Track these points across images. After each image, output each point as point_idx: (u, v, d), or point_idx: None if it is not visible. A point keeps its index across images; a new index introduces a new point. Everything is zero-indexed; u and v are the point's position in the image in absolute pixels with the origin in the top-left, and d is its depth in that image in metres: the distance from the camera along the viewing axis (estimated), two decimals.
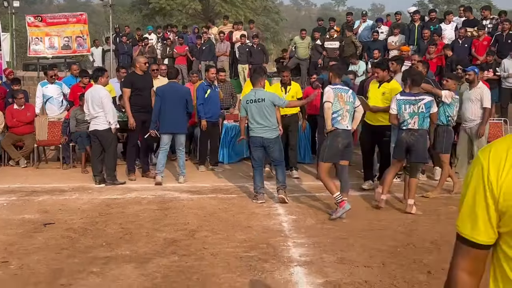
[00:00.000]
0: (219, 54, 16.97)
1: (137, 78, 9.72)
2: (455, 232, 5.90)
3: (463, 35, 14.05)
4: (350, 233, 6.64)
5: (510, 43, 13.50)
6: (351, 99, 7.59)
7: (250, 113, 8.17)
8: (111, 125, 9.29)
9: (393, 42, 15.24)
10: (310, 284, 5.10)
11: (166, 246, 6.21)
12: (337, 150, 7.49)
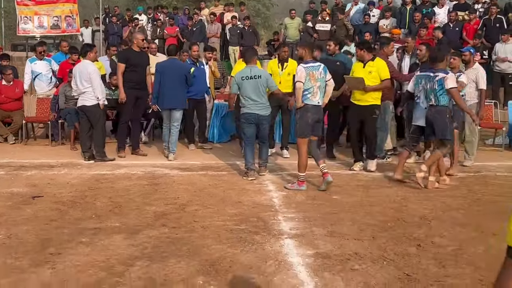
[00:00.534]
0: (210, 35, 16.88)
1: (133, 54, 9.64)
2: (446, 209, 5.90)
3: (454, 19, 14.05)
4: (340, 209, 6.63)
5: (498, 27, 13.53)
6: (322, 75, 7.69)
7: (245, 90, 8.16)
8: (99, 101, 9.19)
9: (385, 25, 15.22)
10: (301, 255, 5.09)
11: (156, 218, 6.18)
12: (307, 125, 7.61)
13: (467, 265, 4.89)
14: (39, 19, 16.95)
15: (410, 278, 4.59)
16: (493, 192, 7.51)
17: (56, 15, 17.01)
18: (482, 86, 8.90)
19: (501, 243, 5.41)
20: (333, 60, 9.57)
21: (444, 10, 14.89)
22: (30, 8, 16.95)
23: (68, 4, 17.11)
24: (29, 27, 17.01)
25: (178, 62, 10.11)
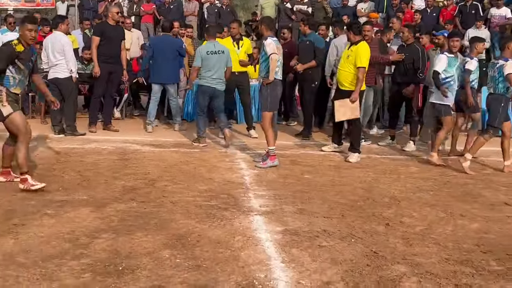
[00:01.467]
0: (187, 13, 16.63)
1: (108, 28, 9.48)
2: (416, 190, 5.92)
3: (432, 4, 14.08)
4: (311, 188, 6.62)
5: (473, 13, 13.61)
6: (281, 50, 7.81)
7: (208, 64, 8.52)
8: (72, 73, 9.02)
9: (362, 9, 15.16)
10: (270, 232, 5.06)
11: (125, 193, 6.09)
12: (277, 99, 7.80)
13: (435, 245, 4.90)
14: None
15: (377, 255, 4.59)
16: (463, 175, 7.55)
17: None
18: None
19: (469, 224, 5.47)
20: (304, 39, 9.77)
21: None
22: None
23: None
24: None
25: (171, 38, 10.18)
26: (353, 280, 4.10)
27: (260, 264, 4.33)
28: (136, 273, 4.07)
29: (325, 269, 4.28)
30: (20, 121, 5.93)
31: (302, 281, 4.07)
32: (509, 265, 4.49)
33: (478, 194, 6.63)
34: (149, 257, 4.37)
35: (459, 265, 4.46)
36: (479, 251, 4.78)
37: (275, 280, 4.07)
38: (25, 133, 5.95)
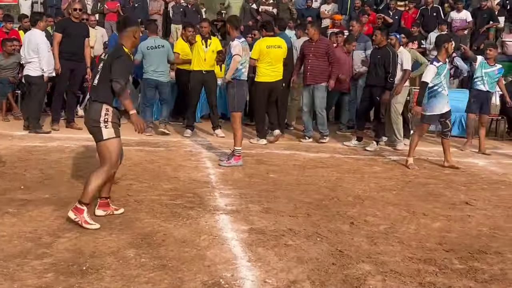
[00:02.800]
0: (152, 12, 16.45)
1: (71, 24, 9.28)
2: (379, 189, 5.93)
3: (394, 7, 14.23)
4: (276, 187, 6.59)
5: (434, 16, 13.82)
6: (249, 51, 7.95)
7: (150, 59, 9.42)
8: (44, 73, 8.85)
9: (326, 11, 15.24)
10: (235, 231, 5.01)
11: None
12: (244, 99, 7.82)
13: (398, 243, 4.93)
14: None
15: (342, 254, 4.59)
16: (424, 175, 7.64)
17: None
18: (406, 66, 9.11)
19: (431, 223, 5.52)
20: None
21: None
22: None
23: None
24: None
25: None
26: (319, 279, 4.08)
27: (227, 263, 4.28)
28: (101, 273, 3.97)
29: (291, 268, 4.25)
30: (117, 149, 5.04)
31: (269, 280, 4.03)
32: (471, 263, 4.54)
33: (440, 193, 6.71)
34: (114, 257, 4.27)
35: (423, 263, 4.49)
36: (442, 249, 4.83)
37: (241, 279, 4.02)
38: (114, 165, 5.06)
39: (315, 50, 9.46)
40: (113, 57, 4.91)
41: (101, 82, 4.92)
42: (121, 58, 4.89)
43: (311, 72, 9.45)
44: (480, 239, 5.15)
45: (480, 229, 5.42)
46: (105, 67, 4.92)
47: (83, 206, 4.89)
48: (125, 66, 4.91)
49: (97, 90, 4.96)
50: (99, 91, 4.94)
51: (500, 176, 7.83)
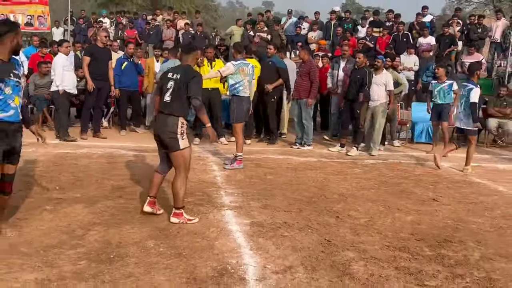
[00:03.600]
0: (165, 38, 16.49)
1: (97, 50, 9.33)
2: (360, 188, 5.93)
3: (370, 33, 14.29)
4: (273, 186, 6.60)
5: (405, 41, 13.88)
6: (251, 71, 7.92)
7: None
8: (59, 88, 8.92)
9: (313, 37, 15.29)
10: (239, 224, 5.03)
11: (114, 191, 5.98)
12: (243, 112, 7.73)
13: (377, 234, 4.95)
14: (14, 16, 16.13)
15: (330, 243, 4.61)
16: (398, 176, 7.66)
17: (30, 14, 16.28)
18: (390, 87, 9.06)
19: (405, 217, 5.53)
20: (268, 60, 9.71)
21: (365, 29, 15.11)
22: (6, 7, 16.15)
23: (40, 6, 16.39)
24: None
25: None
26: (311, 265, 4.11)
27: (232, 251, 4.30)
28: (126, 260, 3.99)
29: (287, 255, 4.27)
30: (189, 157, 5.00)
31: (268, 265, 4.05)
32: (439, 250, 4.57)
33: (411, 191, 6.73)
34: (136, 247, 4.29)
35: (398, 251, 4.52)
36: (414, 239, 4.85)
37: (245, 265, 4.04)
38: (188, 170, 5.05)
39: (301, 70, 9.54)
40: (188, 77, 4.87)
41: (176, 99, 4.84)
42: (196, 78, 4.94)
43: (297, 88, 9.54)
44: (446, 230, 5.18)
45: (445, 222, 5.45)
46: (180, 86, 4.85)
47: (180, 210, 4.95)
48: (200, 84, 4.97)
49: (171, 105, 4.85)
50: (174, 106, 4.84)
51: (462, 176, 7.85)
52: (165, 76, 5.03)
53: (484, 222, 5.51)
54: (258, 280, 3.79)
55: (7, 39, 4.03)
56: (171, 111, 4.85)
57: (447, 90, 9.67)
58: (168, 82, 4.93)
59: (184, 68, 5.03)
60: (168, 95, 4.88)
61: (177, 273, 3.82)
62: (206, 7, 39.17)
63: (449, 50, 13.79)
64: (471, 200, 6.43)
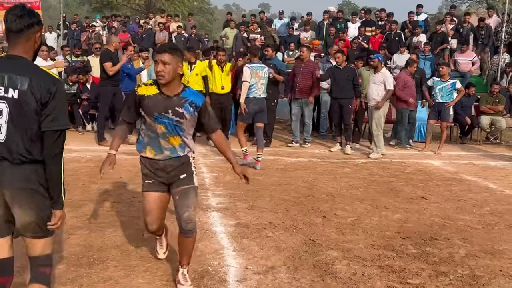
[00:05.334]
0: (159, 41, 16.46)
1: (113, 54, 9.22)
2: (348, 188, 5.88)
3: (363, 33, 14.27)
4: (261, 187, 6.57)
5: (397, 40, 13.86)
6: (266, 75, 7.94)
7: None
8: None
9: (305, 38, 15.25)
10: (224, 225, 5.00)
11: (99, 195, 5.94)
12: (249, 114, 7.76)
13: (363, 233, 4.92)
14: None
15: (314, 243, 4.58)
16: (388, 174, 7.64)
17: None
18: (389, 87, 8.91)
19: (392, 215, 5.50)
20: (269, 63, 9.60)
21: (355, 26, 15.11)
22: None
23: None
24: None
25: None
26: (293, 265, 4.07)
27: (215, 253, 4.27)
28: (106, 264, 3.96)
29: (270, 256, 4.24)
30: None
31: (250, 266, 4.02)
32: (424, 248, 4.54)
33: (400, 190, 6.70)
34: (118, 250, 4.26)
35: (383, 249, 4.49)
36: (399, 237, 4.82)
37: (227, 266, 4.01)
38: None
39: (304, 69, 9.52)
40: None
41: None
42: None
43: (300, 88, 9.53)
44: (432, 227, 5.15)
45: (433, 219, 5.42)
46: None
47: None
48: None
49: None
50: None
51: (453, 174, 7.83)
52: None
53: (471, 219, 5.48)
54: (239, 281, 3.75)
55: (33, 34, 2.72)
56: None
57: (450, 89, 9.65)
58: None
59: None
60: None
61: (157, 275, 3.79)
62: (202, 10, 39.23)
63: (441, 48, 13.76)
64: (460, 197, 6.40)
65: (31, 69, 2.62)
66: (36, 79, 2.59)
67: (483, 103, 11.09)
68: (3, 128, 2.58)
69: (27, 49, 2.66)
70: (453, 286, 3.79)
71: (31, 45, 2.68)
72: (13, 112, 2.57)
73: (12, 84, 2.57)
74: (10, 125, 2.58)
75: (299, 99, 9.65)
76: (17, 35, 2.63)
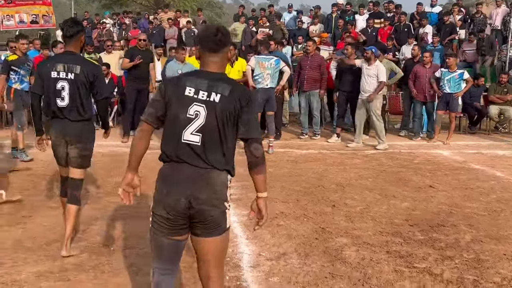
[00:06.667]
0: (168, 37, 16.66)
1: (136, 52, 9.37)
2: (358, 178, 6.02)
3: (372, 25, 14.34)
4: (272, 178, 6.71)
5: (406, 31, 13.91)
6: (273, 65, 8.42)
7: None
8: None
9: (314, 30, 15.33)
10: (237, 215, 5.18)
11: (117, 188, 6.10)
12: (259, 104, 8.12)
13: (371, 220, 5.08)
14: (19, 16, 16.49)
15: (324, 230, 4.75)
16: (397, 165, 7.77)
17: (35, 13, 16.60)
18: (382, 78, 8.96)
19: (400, 203, 5.64)
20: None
21: (363, 18, 15.17)
22: (11, 9, 16.48)
23: (44, 6, 16.71)
24: (11, 23, 16.53)
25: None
26: (304, 251, 4.25)
27: (229, 241, 4.43)
28: (126, 252, 4.16)
29: (282, 243, 4.42)
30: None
31: (263, 253, 4.20)
32: (431, 235, 4.69)
33: (409, 179, 6.83)
34: (137, 238, 4.45)
35: (391, 236, 4.64)
36: (407, 224, 4.97)
37: (240, 253, 4.19)
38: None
39: (311, 63, 9.68)
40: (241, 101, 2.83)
41: (216, 141, 2.68)
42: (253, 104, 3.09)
43: (307, 81, 9.70)
44: (439, 215, 5.29)
45: (440, 207, 5.56)
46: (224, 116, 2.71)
47: None
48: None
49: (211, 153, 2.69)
50: (216, 155, 2.72)
51: (461, 164, 7.94)
52: (180, 93, 2.59)
53: (478, 206, 5.62)
54: (252, 267, 3.94)
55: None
56: (214, 163, 2.68)
57: (458, 80, 9.74)
58: (191, 107, 2.59)
59: (229, 82, 2.65)
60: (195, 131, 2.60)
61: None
62: (210, 4, 39.26)
63: (449, 38, 13.80)
64: (468, 185, 6.53)
65: (80, 60, 4.16)
66: (85, 66, 4.08)
67: (491, 93, 11.15)
68: (66, 98, 4.05)
69: (76, 47, 4.17)
70: (458, 269, 3.94)
71: (78, 44, 4.18)
72: (71, 88, 4.04)
73: (69, 70, 4.03)
74: (70, 96, 4.04)
75: (307, 91, 9.80)
76: (70, 39, 4.11)
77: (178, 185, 2.60)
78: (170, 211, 2.59)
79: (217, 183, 2.67)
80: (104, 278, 3.68)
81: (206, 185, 2.60)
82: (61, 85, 4.02)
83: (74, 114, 4.07)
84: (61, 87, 4.02)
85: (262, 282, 3.70)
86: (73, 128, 4.10)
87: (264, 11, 16.60)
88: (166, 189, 2.65)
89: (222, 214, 2.68)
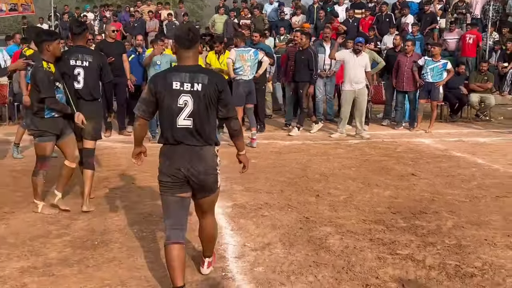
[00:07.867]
0: (149, 30, 16.53)
1: (106, 45, 9.15)
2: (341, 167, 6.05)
3: (352, 16, 14.39)
4: (256, 170, 6.74)
5: (387, 21, 14.00)
6: (252, 57, 8.43)
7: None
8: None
9: (296, 21, 15.35)
10: (221, 207, 5.17)
11: (99, 182, 6.10)
12: (240, 96, 8.24)
13: (355, 209, 5.13)
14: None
15: (308, 220, 4.78)
16: (379, 154, 7.84)
17: (13, 2, 16.27)
18: (367, 69, 9.08)
19: (383, 192, 5.69)
20: (256, 46, 9.64)
21: (342, 8, 15.21)
22: None
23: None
24: None
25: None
26: (289, 241, 4.28)
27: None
28: (110, 246, 4.15)
29: (266, 234, 4.44)
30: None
31: (248, 243, 4.22)
32: (413, 222, 4.75)
33: (391, 168, 6.90)
34: (120, 233, 4.45)
35: (374, 224, 4.70)
36: (390, 212, 5.04)
37: (225, 244, 4.21)
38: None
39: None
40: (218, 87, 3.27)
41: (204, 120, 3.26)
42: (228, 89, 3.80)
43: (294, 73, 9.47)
44: (421, 202, 5.36)
45: (422, 195, 5.63)
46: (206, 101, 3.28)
47: (210, 259, 3.78)
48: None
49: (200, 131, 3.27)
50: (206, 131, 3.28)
51: (443, 152, 8.04)
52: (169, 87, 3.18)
53: (459, 193, 5.70)
54: (237, 258, 3.96)
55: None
56: (206, 139, 3.28)
57: (441, 70, 9.82)
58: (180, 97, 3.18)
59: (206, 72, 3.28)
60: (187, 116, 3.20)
61: (159, 255, 3.99)
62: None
63: (430, 27, 13.92)
64: (449, 173, 6.62)
65: (90, 52, 5.30)
66: (95, 57, 5.20)
67: (472, 81, 11.28)
68: (81, 81, 5.07)
69: (84, 42, 5.30)
70: (440, 255, 4.01)
71: (85, 40, 5.38)
72: (86, 73, 5.08)
73: (83, 59, 5.08)
74: (84, 80, 5.07)
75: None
76: (78, 36, 5.17)
77: (178, 159, 3.25)
78: (172, 177, 3.28)
79: (209, 156, 3.31)
80: (88, 272, 3.67)
81: (201, 160, 3.27)
82: (77, 71, 5.04)
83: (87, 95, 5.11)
84: (77, 72, 5.04)
85: (247, 272, 3.72)
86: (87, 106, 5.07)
87: (246, 3, 16.56)
88: (169, 161, 3.30)
89: (215, 178, 3.40)
